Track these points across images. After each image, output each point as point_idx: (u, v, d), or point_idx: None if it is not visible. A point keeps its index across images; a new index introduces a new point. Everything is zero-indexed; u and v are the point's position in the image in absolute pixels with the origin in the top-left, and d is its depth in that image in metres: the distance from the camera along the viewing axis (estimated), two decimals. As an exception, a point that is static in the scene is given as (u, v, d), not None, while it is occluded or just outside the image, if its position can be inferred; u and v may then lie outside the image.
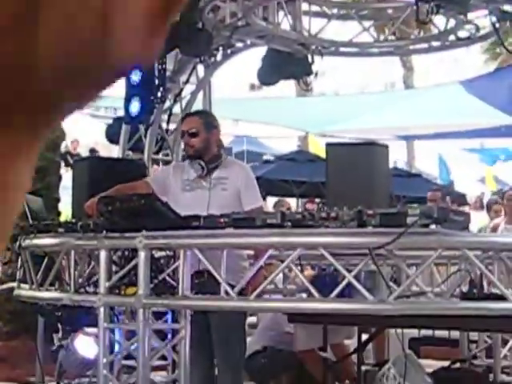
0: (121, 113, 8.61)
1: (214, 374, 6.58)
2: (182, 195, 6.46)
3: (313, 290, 5.25)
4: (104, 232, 5.80)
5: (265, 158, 22.71)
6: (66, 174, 12.24)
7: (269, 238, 5.35)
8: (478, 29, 8.44)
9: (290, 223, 5.30)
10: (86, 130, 20.90)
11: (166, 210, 5.79)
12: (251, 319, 8.77)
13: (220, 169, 6.47)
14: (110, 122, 10.04)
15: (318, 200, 12.27)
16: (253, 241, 5.47)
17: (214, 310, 6.04)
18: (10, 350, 10.41)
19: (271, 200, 18.67)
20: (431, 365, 7.67)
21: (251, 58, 9.57)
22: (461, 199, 17.66)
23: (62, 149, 14.31)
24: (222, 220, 5.57)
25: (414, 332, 8.81)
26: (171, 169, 6.94)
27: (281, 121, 20.78)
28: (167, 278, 5.77)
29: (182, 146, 7.98)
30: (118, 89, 8.47)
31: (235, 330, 6.40)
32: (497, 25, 7.97)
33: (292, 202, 17.46)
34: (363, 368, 7.43)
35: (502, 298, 5.06)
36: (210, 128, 6.61)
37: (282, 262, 5.55)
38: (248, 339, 7.27)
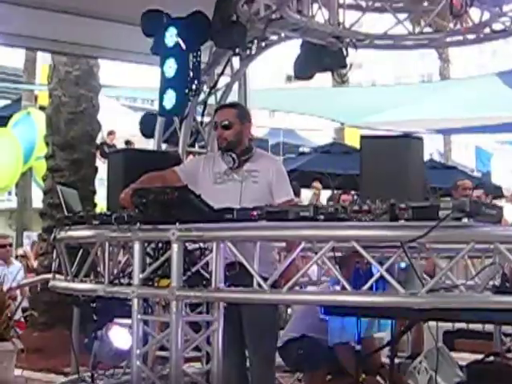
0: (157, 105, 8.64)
1: (246, 366, 6.62)
2: (213, 188, 6.49)
3: (345, 283, 5.27)
4: (138, 224, 5.83)
5: (301, 150, 22.65)
6: (103, 166, 12.25)
7: (301, 230, 5.37)
8: (513, 21, 8.41)
9: (322, 216, 5.33)
10: (122, 122, 20.89)
11: (199, 203, 5.81)
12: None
13: (251, 162, 6.47)
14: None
15: (353, 192, 12.24)
16: (285, 233, 5.48)
17: (246, 303, 6.08)
18: (46, 341, 10.50)
19: (305, 192, 18.68)
20: (465, 358, 7.66)
21: (288, 50, 9.56)
22: (497, 191, 17.59)
23: (98, 140, 14.32)
24: (254, 213, 5.58)
25: (448, 325, 8.80)
26: (202, 160, 6.91)
27: (317, 111, 20.72)
28: (200, 270, 5.78)
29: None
30: (155, 80, 8.53)
31: (267, 323, 6.42)
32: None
33: (328, 193, 17.44)
34: (396, 360, 7.45)
35: (534, 291, 5.05)
36: (243, 120, 6.61)
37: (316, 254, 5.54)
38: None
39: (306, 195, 18.96)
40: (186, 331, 5.73)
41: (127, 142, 20.15)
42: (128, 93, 23.93)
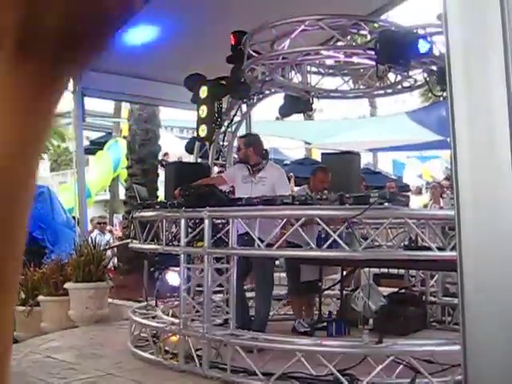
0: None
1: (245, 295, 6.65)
2: (242, 185, 6.64)
3: (312, 244, 5.24)
4: (183, 208, 5.82)
5: (284, 162, 22.65)
6: (162, 173, 12.29)
7: (283, 211, 5.35)
8: (415, 81, 8.37)
9: (297, 202, 5.30)
10: (175, 146, 20.88)
11: (221, 194, 5.83)
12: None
13: (262, 171, 6.57)
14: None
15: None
16: (274, 213, 5.46)
17: (250, 256, 6.07)
18: (127, 281, 10.49)
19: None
20: (387, 290, 7.63)
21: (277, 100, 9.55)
22: (405, 188, 17.56)
23: (160, 157, 14.33)
24: (255, 200, 5.57)
25: (377, 270, 8.77)
26: (237, 167, 7.03)
27: (294, 135, 20.76)
28: (222, 236, 5.76)
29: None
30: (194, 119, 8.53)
31: (267, 268, 6.43)
32: (427, 79, 7.90)
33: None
34: (344, 292, 7.43)
35: (429, 248, 5.03)
36: (247, 146, 6.69)
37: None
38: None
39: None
40: (213, 274, 5.71)
41: (179, 158, 20.18)
42: (177, 124, 23.99)
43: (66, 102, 11.26)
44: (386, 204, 4.89)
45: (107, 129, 24.65)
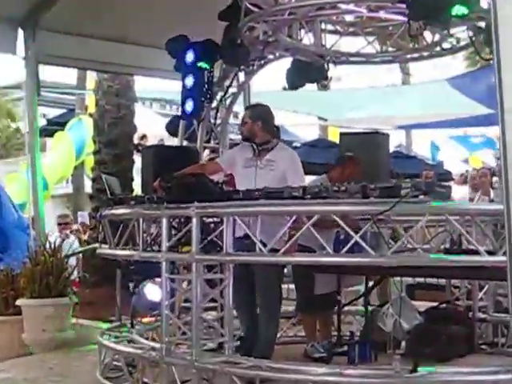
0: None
1: (257, 313, 6.63)
2: (242, 170, 6.63)
3: (327, 247, 5.26)
4: (165, 203, 5.84)
5: (294, 144, 22.63)
6: (139, 159, 12.31)
7: (292, 207, 5.35)
8: (458, 41, 8.36)
9: (309, 195, 5.32)
10: (154, 125, 20.87)
11: (212, 186, 5.84)
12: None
13: (270, 153, 6.57)
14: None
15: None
16: (279, 209, 5.46)
17: (250, 263, 6.09)
18: (95, 296, 10.52)
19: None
20: (424, 305, 7.66)
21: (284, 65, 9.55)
22: (447, 176, 17.57)
23: (135, 140, 14.36)
24: (256, 193, 5.59)
25: (410, 279, 8.79)
26: (239, 148, 7.00)
27: (306, 110, 20.67)
28: (214, 239, 5.77)
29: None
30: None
31: (272, 279, 6.44)
32: (473, 38, 7.90)
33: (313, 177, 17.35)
34: (370, 308, 7.45)
35: (476, 252, 5.04)
36: (254, 119, 6.70)
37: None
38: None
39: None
40: (203, 287, 5.73)
41: (160, 141, 20.18)
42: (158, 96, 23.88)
43: (15, 71, 11.29)
44: (422, 197, 4.91)
45: (69, 104, 24.67)
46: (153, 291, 7.59)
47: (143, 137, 18.79)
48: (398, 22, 8.17)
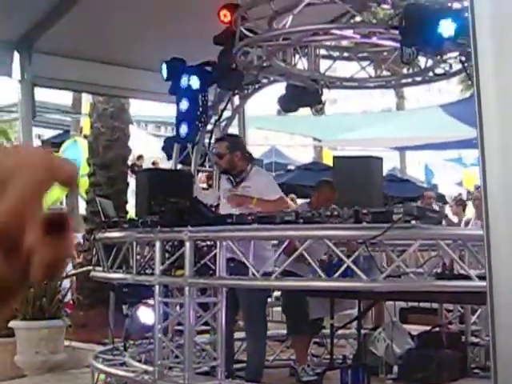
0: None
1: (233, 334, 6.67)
2: (224, 200, 6.68)
3: (320, 272, 5.29)
4: (158, 227, 5.87)
5: (288, 167, 22.72)
6: (133, 182, 12.32)
7: (285, 231, 5.40)
8: (451, 66, 8.43)
9: (302, 220, 5.36)
10: (149, 147, 20.93)
11: (206, 210, 5.88)
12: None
13: (245, 180, 6.57)
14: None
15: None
16: (273, 234, 5.51)
17: (243, 288, 6.11)
18: (89, 318, 10.50)
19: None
20: (416, 329, 7.67)
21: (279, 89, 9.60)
22: (441, 199, 17.65)
23: (130, 161, 14.37)
24: (249, 218, 5.62)
25: (403, 303, 8.80)
26: (222, 180, 7.04)
27: (300, 131, 20.76)
28: (208, 262, 5.80)
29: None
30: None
31: (258, 305, 6.45)
32: (465, 63, 7.96)
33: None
34: (362, 331, 7.46)
35: (467, 277, 5.07)
36: (233, 150, 6.65)
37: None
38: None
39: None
40: (196, 310, 5.75)
41: (153, 163, 20.21)
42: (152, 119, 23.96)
43: (11, 92, 11.33)
44: (414, 222, 4.95)
45: (64, 126, 24.71)
46: (146, 314, 7.59)
47: (139, 157, 18.83)
48: (392, 47, 8.23)
